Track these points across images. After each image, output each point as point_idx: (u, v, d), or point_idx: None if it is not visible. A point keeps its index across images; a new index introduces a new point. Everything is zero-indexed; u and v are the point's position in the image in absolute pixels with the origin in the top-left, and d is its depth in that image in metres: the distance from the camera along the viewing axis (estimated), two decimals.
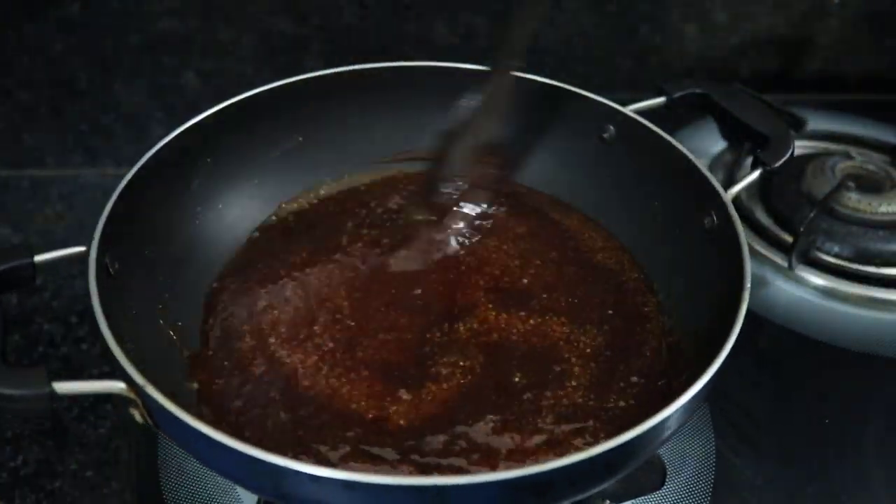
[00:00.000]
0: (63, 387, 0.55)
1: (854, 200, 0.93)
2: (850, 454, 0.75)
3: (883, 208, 0.92)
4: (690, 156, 0.77)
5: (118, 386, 0.57)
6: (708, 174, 0.75)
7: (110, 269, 0.66)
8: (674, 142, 0.79)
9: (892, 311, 0.87)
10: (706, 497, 0.71)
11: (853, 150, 1.02)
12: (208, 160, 0.80)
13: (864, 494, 0.72)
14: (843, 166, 0.98)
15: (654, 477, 0.70)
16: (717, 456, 0.74)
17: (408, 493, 0.52)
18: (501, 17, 1.07)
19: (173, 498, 0.70)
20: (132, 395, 0.57)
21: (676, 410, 0.56)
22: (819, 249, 0.91)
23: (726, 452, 0.74)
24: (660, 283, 0.78)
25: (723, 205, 0.72)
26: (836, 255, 0.91)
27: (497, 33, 0.83)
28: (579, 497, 0.57)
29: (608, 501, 0.68)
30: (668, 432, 0.58)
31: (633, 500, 0.69)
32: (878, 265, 0.90)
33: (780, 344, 0.84)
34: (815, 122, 1.07)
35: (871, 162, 0.99)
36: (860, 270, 0.89)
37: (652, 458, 0.71)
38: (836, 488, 0.72)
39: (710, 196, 0.74)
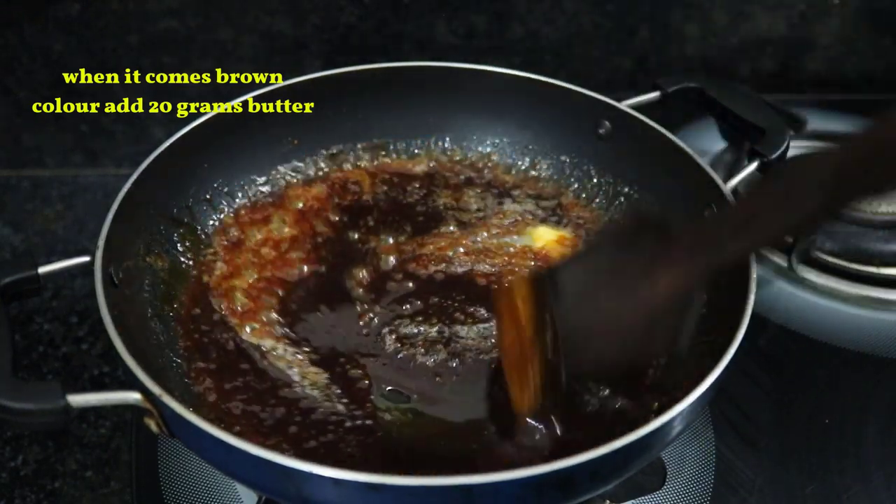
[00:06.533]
0: (77, 399, 0.55)
1: None
2: (850, 454, 0.75)
3: (883, 208, 0.92)
4: (687, 148, 0.76)
5: (133, 396, 0.57)
6: (705, 165, 0.75)
7: (114, 280, 0.66)
8: (670, 135, 0.78)
9: (892, 311, 0.87)
10: (706, 497, 0.71)
11: None
12: (205, 165, 0.80)
13: (864, 494, 0.72)
14: None
15: (655, 477, 0.70)
16: (717, 456, 0.74)
17: (433, 493, 0.51)
18: (501, 17, 1.07)
19: (173, 498, 0.70)
20: (147, 405, 0.57)
21: (692, 402, 0.56)
22: (819, 249, 0.91)
23: (726, 452, 0.74)
24: None
25: (722, 196, 0.72)
26: (836, 255, 0.91)
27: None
28: (599, 490, 0.57)
29: (608, 502, 0.68)
30: (681, 427, 0.58)
31: (633, 501, 0.69)
32: (878, 265, 0.90)
33: (780, 344, 0.84)
34: (815, 122, 1.07)
35: None
36: (860, 270, 0.89)
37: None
38: (836, 488, 0.72)
39: (709, 188, 0.73)
